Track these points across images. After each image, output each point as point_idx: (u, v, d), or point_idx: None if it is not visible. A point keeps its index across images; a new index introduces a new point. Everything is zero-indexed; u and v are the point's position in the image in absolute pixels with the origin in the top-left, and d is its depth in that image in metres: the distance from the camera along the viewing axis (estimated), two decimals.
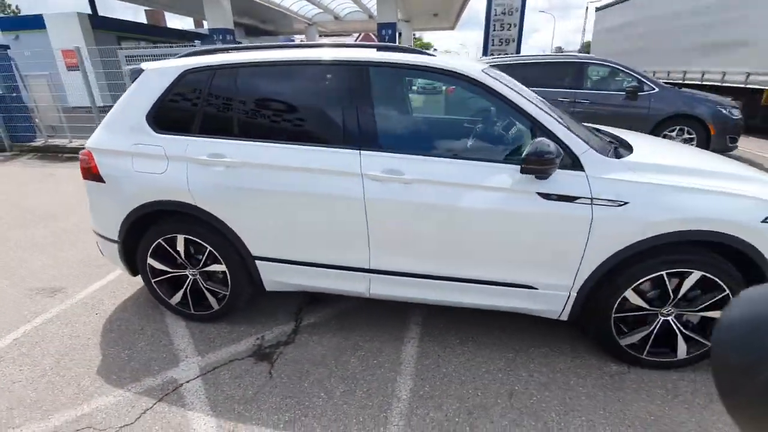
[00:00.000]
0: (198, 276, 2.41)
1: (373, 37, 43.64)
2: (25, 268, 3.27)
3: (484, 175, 1.92)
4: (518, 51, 13.50)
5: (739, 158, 6.66)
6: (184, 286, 2.45)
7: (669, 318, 2.00)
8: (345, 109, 2.05)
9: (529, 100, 1.96)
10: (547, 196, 1.88)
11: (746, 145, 7.70)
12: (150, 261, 2.40)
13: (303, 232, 2.16)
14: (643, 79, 6.38)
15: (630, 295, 1.96)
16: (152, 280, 2.47)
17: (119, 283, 3.00)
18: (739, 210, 1.78)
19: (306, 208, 2.10)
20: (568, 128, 1.94)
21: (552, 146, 1.74)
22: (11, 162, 7.30)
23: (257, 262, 2.28)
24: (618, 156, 2.03)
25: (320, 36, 24.07)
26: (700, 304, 1.94)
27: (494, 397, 1.95)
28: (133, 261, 2.47)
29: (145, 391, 2.02)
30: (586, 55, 7.19)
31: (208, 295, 2.43)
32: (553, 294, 2.04)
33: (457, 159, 1.97)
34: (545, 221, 1.90)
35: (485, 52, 14.86)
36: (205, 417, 1.86)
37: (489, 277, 2.06)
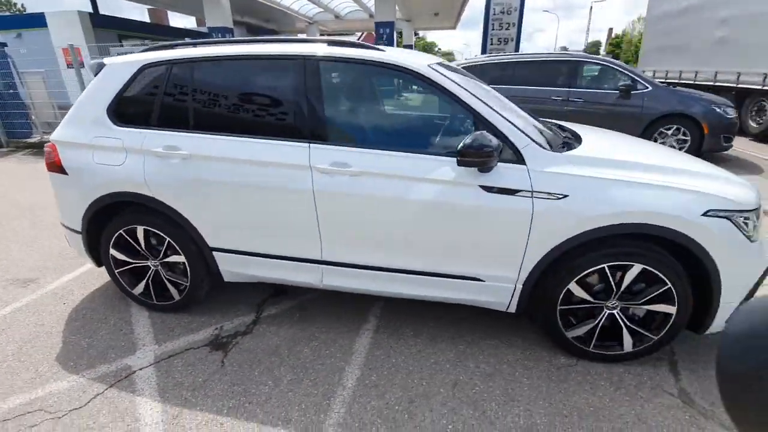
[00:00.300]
0: (159, 267, 2.46)
1: (373, 33, 43.81)
2: (3, 259, 3.34)
3: (429, 168, 1.95)
4: (517, 50, 13.45)
5: (736, 159, 6.62)
6: (146, 277, 2.49)
7: (614, 311, 2.02)
8: (296, 103, 2.09)
9: (474, 95, 1.98)
10: (489, 189, 1.90)
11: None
12: (112, 252, 2.46)
13: (256, 223, 2.20)
14: (636, 78, 6.35)
15: (574, 287, 1.98)
16: (115, 271, 2.52)
17: (91, 275, 3.06)
18: (677, 204, 1.79)
19: (258, 201, 2.14)
20: (512, 122, 1.96)
21: (487, 139, 1.75)
22: (6, 158, 7.42)
23: (214, 253, 2.33)
24: (565, 150, 2.04)
25: (321, 35, 24.12)
26: (644, 297, 1.95)
27: (438, 386, 1.98)
28: (97, 252, 2.53)
29: (98, 377, 2.07)
30: (580, 53, 7.17)
31: (169, 285, 2.48)
32: (500, 286, 2.06)
33: (404, 152, 1.99)
34: (487, 214, 1.92)
35: (483, 52, 14.84)
36: (151, 402, 1.91)
37: (436, 269, 2.09)
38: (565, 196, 1.85)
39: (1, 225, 4.11)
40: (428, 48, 51.30)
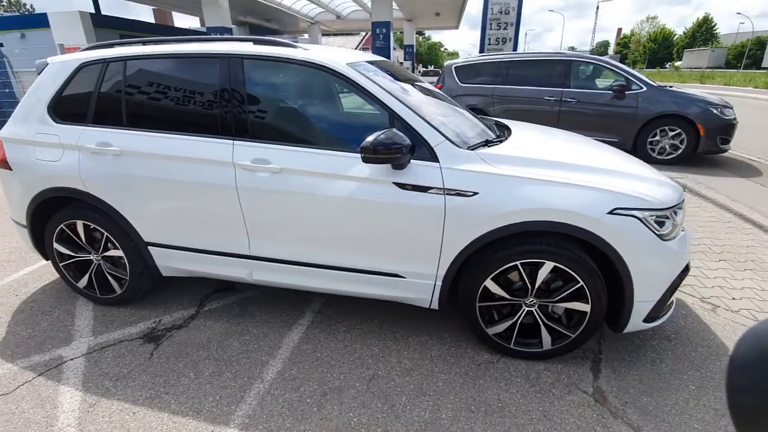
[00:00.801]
0: (101, 261, 2.52)
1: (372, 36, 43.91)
2: None
3: (345, 166, 1.97)
4: (515, 50, 13.39)
5: (734, 161, 6.51)
6: (89, 271, 2.56)
7: (533, 309, 2.02)
8: (221, 100, 2.13)
9: (391, 94, 2.00)
10: (402, 186, 1.92)
11: None
12: (56, 246, 2.52)
13: (186, 219, 2.24)
14: (631, 78, 6.26)
15: (490, 284, 1.99)
16: (60, 264, 2.59)
17: (48, 269, 3.14)
18: (583, 202, 1.80)
19: (187, 197, 2.18)
20: (428, 121, 1.97)
21: (389, 137, 1.77)
22: None
23: (149, 248, 2.38)
24: (485, 148, 2.05)
25: (323, 35, 24.25)
26: (559, 295, 1.95)
27: (355, 381, 2.01)
28: (43, 246, 2.60)
29: (30, 366, 2.13)
30: (574, 52, 7.14)
31: (110, 279, 2.54)
32: (420, 283, 2.07)
33: (322, 149, 2.02)
34: (402, 211, 1.94)
35: (482, 51, 14.77)
36: (74, 392, 1.96)
37: (358, 265, 2.11)
38: (476, 193, 1.86)
39: None
40: (433, 48, 51.02)
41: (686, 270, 2.00)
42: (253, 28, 22.56)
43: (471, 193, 1.86)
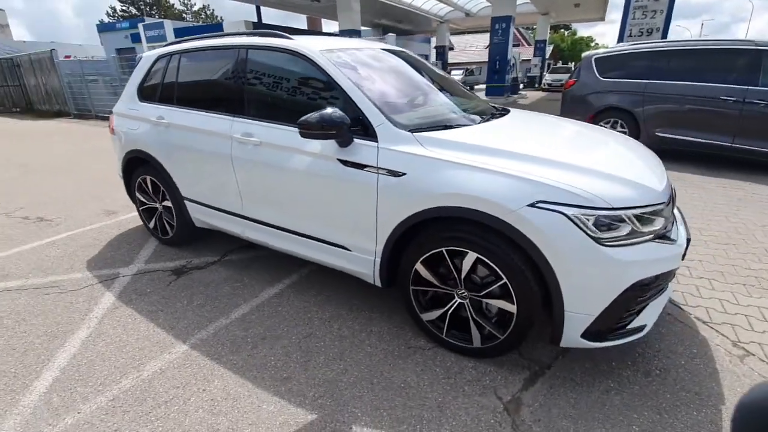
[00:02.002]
0: (162, 209, 3.28)
1: (516, 32, 41.29)
2: (105, 197, 4.74)
3: (305, 142, 2.20)
4: None
5: None
6: (154, 216, 3.35)
7: (465, 302, 1.95)
8: (231, 83, 2.58)
9: (349, 78, 2.14)
10: (345, 163, 2.06)
11: None
12: (137, 194, 3.37)
13: (204, 180, 2.78)
14: None
15: (420, 268, 1.99)
16: (139, 209, 3.45)
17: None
18: (504, 190, 1.67)
19: (204, 161, 2.71)
20: (375, 103, 2.05)
21: (322, 115, 1.91)
22: None
23: (185, 201, 3.00)
24: (433, 131, 2.03)
25: (451, 33, 24.20)
26: (485, 290, 1.85)
27: (293, 334, 2.24)
28: (132, 192, 3.49)
29: (98, 275, 2.95)
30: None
31: (166, 224, 3.28)
32: (363, 257, 2.19)
33: (292, 126, 2.28)
34: (344, 186, 2.08)
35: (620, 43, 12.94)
36: (111, 297, 2.66)
37: (313, 233, 2.33)
38: (404, 174, 1.90)
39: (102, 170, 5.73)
40: (578, 43, 45.57)
41: (658, 289, 1.68)
42: (387, 29, 23.90)
43: (400, 174, 1.90)
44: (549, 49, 30.90)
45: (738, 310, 2.39)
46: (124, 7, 41.06)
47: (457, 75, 25.05)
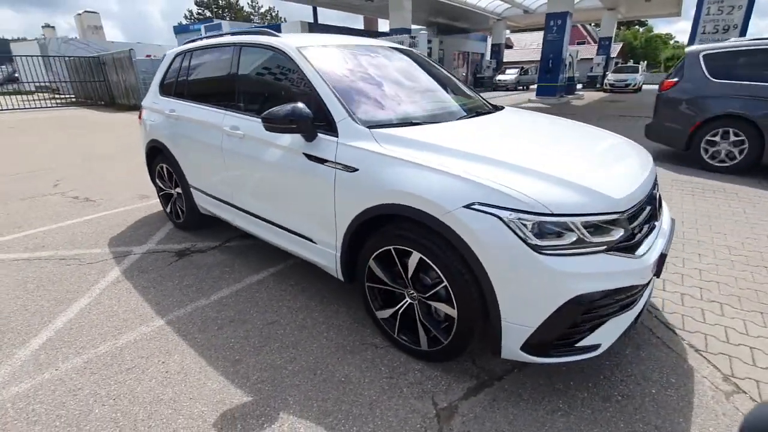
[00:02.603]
0: (176, 195, 3.54)
1: (581, 29, 38.67)
2: (140, 182, 5.19)
3: (277, 135, 2.27)
4: None
5: None
6: (170, 201, 3.62)
7: (414, 303, 1.91)
8: (227, 78, 2.72)
9: (318, 73, 2.17)
10: (309, 157, 2.11)
11: None
12: (157, 180, 3.68)
13: (203, 169, 2.97)
14: None
15: (373, 265, 1.98)
16: (159, 195, 3.75)
17: None
18: (443, 190, 1.62)
19: (202, 152, 2.89)
20: (340, 99, 2.07)
21: (282, 109, 1.96)
22: None
23: (191, 189, 3.22)
24: (395, 127, 2.01)
25: (511, 31, 23.31)
26: (429, 291, 1.80)
27: (258, 320, 2.33)
28: (153, 179, 3.80)
29: (114, 252, 3.26)
30: None
31: (178, 209, 3.54)
32: (326, 251, 2.22)
33: None
34: (308, 179, 2.13)
35: (691, 41, 11.72)
36: (117, 271, 2.94)
37: (286, 225, 2.40)
38: (356, 169, 1.90)
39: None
40: (652, 41, 41.40)
41: (616, 306, 1.56)
42: (442, 27, 23.63)
43: (353, 169, 1.91)
44: (618, 47, 28.56)
45: (744, 341, 2.11)
46: (199, 11, 44.48)
47: (511, 74, 24.12)
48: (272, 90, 2.50)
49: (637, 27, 42.03)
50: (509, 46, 42.89)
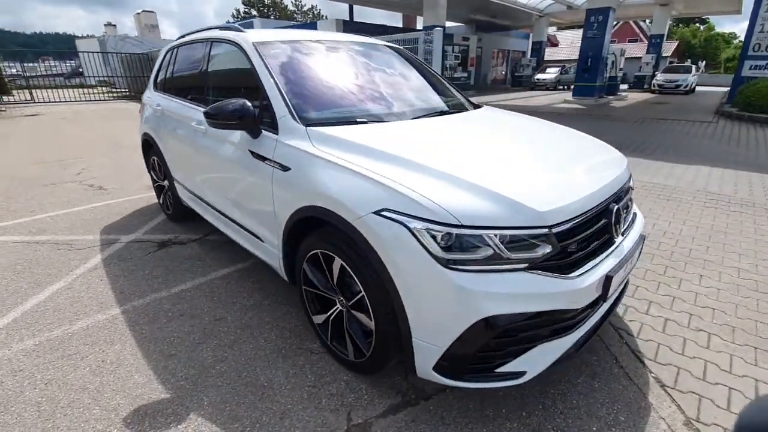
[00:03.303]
0: (166, 187, 3.64)
1: (633, 26, 36.10)
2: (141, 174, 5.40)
3: (230, 132, 2.24)
4: None
5: None
6: (162, 193, 3.73)
7: (344, 310, 1.82)
8: (195, 73, 2.75)
9: (268, 68, 2.12)
10: (253, 154, 2.06)
11: None
12: (150, 172, 3.80)
13: (180, 162, 3.02)
14: None
15: (306, 268, 1.91)
16: (153, 186, 3.88)
17: None
18: (358, 194, 1.52)
19: (180, 145, 2.94)
20: (284, 95, 2.00)
21: (222, 106, 1.93)
22: None
23: (174, 182, 3.30)
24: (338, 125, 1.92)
25: (557, 28, 22.17)
26: (352, 299, 1.70)
27: (206, 315, 2.33)
28: (148, 170, 3.93)
29: (104, 239, 3.40)
30: None
31: (168, 201, 3.64)
32: (272, 250, 2.17)
33: None
34: (252, 177, 2.09)
35: (746, 44, 10.67)
36: (97, 258, 3.06)
37: (239, 221, 2.38)
38: (288, 169, 1.83)
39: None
40: (712, 40, 37.48)
41: (547, 331, 1.40)
42: (481, 25, 22.96)
43: (286, 168, 1.85)
44: (672, 45, 26.27)
45: (724, 379, 1.84)
46: (246, 9, 46.12)
47: (551, 73, 22.89)
48: (232, 85, 2.49)
49: (697, 24, 38.51)
50: (554, 44, 40.93)
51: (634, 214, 2.02)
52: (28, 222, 3.79)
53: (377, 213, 1.44)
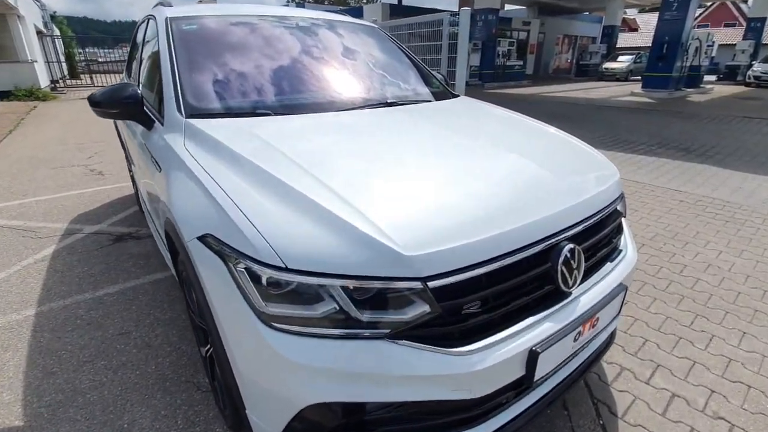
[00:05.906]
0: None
1: (732, 8, 31.49)
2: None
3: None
4: None
5: None
6: (134, 183, 3.59)
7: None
8: (137, 56, 2.48)
9: (170, 45, 1.80)
10: (144, 148, 1.76)
11: None
12: (130, 165, 3.67)
13: (130, 153, 2.80)
14: None
15: (185, 289, 1.58)
16: (129, 175, 3.75)
17: None
18: (192, 213, 1.20)
19: (127, 135, 2.72)
20: (180, 82, 1.66)
21: (102, 91, 1.64)
22: None
23: (131, 172, 3.11)
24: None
25: (638, 11, 19.77)
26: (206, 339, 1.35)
27: (111, 330, 2.10)
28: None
29: (68, 229, 3.32)
30: None
31: (136, 194, 3.49)
32: (169, 259, 1.87)
33: None
34: (148, 174, 1.79)
35: None
36: (57, 247, 2.96)
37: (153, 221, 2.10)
38: (161, 169, 1.50)
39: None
40: None
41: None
42: (545, 7, 21.28)
43: (159, 168, 1.52)
44: None
45: None
46: None
47: (623, 61, 20.42)
48: (153, 70, 2.18)
49: None
50: (633, 29, 37.23)
51: (619, 252, 1.46)
52: (14, 206, 3.82)
53: (201, 239, 1.07)
